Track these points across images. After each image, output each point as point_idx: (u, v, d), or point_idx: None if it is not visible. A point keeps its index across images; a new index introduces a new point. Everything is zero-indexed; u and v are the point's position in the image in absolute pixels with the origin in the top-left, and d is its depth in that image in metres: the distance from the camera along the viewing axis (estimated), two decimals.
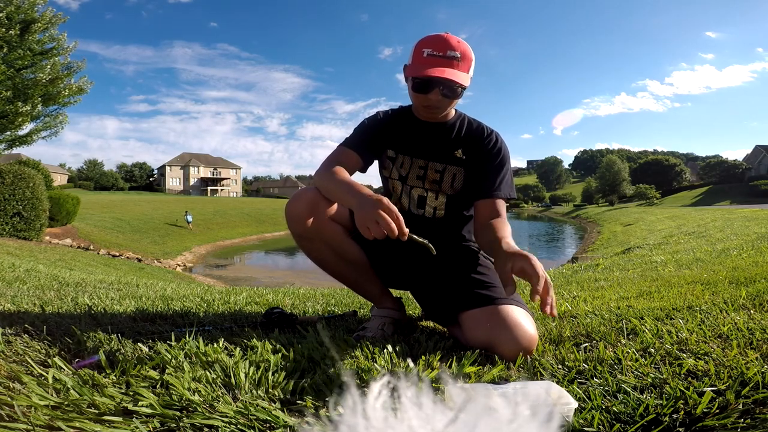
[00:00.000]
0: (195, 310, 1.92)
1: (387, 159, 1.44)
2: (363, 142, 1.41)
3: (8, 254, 6.52)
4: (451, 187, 1.40)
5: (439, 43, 1.25)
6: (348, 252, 1.38)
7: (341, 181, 1.23)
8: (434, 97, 1.28)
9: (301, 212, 1.30)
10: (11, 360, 0.89)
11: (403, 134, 1.43)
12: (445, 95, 1.28)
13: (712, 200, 42.29)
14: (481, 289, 1.22)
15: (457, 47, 1.25)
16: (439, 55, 1.24)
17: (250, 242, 22.02)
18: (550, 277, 1.18)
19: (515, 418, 0.31)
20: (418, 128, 1.41)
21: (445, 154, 1.40)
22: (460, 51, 1.25)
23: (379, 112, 1.49)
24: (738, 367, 0.82)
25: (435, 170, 1.40)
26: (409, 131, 1.42)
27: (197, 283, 7.79)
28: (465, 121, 1.43)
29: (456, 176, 1.39)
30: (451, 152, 1.40)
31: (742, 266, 2.69)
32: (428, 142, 1.41)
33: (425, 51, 1.26)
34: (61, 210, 13.18)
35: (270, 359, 0.91)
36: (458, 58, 1.25)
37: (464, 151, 1.40)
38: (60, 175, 60.75)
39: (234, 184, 75.87)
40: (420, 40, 1.29)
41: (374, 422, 0.31)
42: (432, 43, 1.26)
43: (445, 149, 1.40)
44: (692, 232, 9.03)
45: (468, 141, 1.40)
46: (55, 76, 11.09)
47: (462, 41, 1.27)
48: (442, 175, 1.40)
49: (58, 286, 2.88)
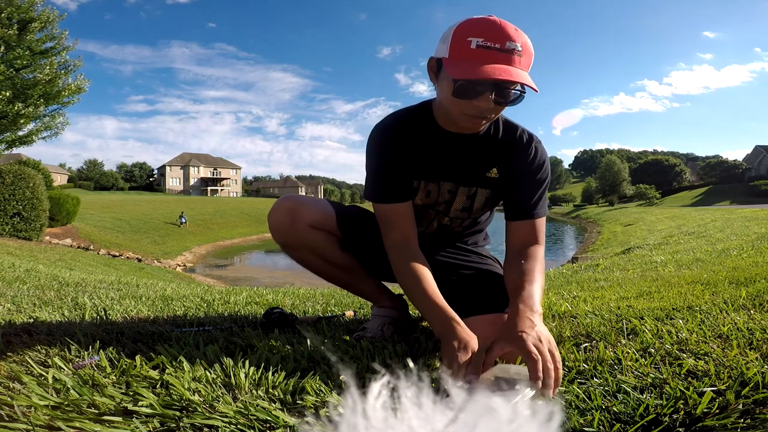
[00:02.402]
0: (195, 310, 1.92)
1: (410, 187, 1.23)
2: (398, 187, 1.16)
3: (8, 254, 6.52)
4: (481, 210, 1.27)
5: (493, 30, 0.93)
6: (334, 257, 1.30)
7: (426, 302, 1.02)
8: (485, 104, 0.97)
9: (281, 222, 1.26)
10: (11, 360, 0.89)
11: (428, 156, 1.16)
12: (499, 102, 0.98)
13: (712, 200, 42.30)
14: (486, 297, 1.17)
15: (516, 37, 0.94)
16: (496, 48, 0.93)
17: (250, 242, 22.03)
18: (550, 277, 1.17)
19: (515, 418, 0.31)
20: (444, 143, 1.15)
21: (476, 175, 1.18)
22: (520, 42, 0.94)
23: (387, 126, 1.19)
24: (738, 367, 0.82)
25: (466, 196, 1.22)
26: (432, 148, 1.16)
27: (197, 283, 7.79)
28: (500, 126, 1.17)
29: (487, 199, 1.24)
30: (484, 172, 1.18)
31: (742, 266, 2.69)
32: (457, 161, 1.17)
33: (474, 41, 0.93)
34: (61, 210, 13.18)
35: (270, 359, 0.91)
36: (519, 51, 0.94)
37: (500, 169, 1.18)
38: (60, 175, 60.74)
39: (234, 184, 75.89)
40: (461, 25, 0.96)
41: (374, 422, 0.31)
42: (483, 31, 0.93)
43: (477, 169, 1.17)
44: (692, 232, 9.03)
45: (505, 152, 1.16)
46: (53, 75, 11.09)
47: (519, 29, 0.96)
48: (472, 200, 1.23)
49: (58, 286, 2.88)
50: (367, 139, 1.21)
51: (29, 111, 10.72)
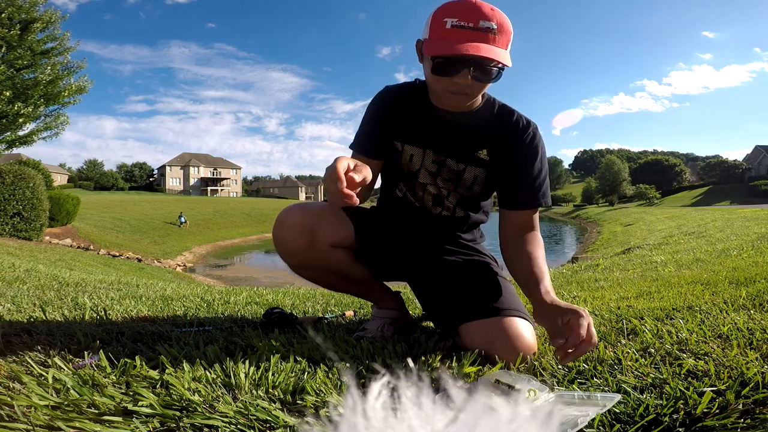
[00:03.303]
0: (195, 310, 1.92)
1: (394, 151, 1.24)
2: (371, 142, 1.23)
3: (8, 254, 6.52)
4: (470, 189, 1.23)
5: (467, 10, 0.97)
6: (351, 273, 1.25)
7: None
8: (462, 81, 1.01)
9: (296, 243, 1.11)
10: (11, 360, 0.89)
11: (415, 122, 1.19)
12: (478, 78, 1.01)
13: (712, 200, 42.31)
14: (485, 299, 1.14)
15: (491, 16, 0.97)
16: (469, 26, 0.96)
17: (250, 242, 22.03)
18: (550, 277, 1.17)
19: (515, 418, 0.31)
20: (434, 117, 1.17)
21: (466, 153, 1.18)
22: (496, 21, 0.97)
23: (389, 88, 1.24)
24: (738, 367, 0.82)
25: (452, 169, 1.21)
26: (422, 120, 1.19)
27: (197, 283, 7.79)
28: (495, 109, 1.18)
29: (477, 178, 1.21)
30: (474, 152, 1.18)
31: (742, 266, 2.69)
32: (446, 137, 1.18)
33: (449, 21, 0.97)
34: (61, 210, 13.18)
35: (270, 359, 0.91)
36: (494, 30, 0.97)
37: (490, 151, 1.18)
38: (60, 175, 60.78)
39: (234, 184, 75.90)
40: (439, 8, 1.00)
41: (374, 422, 0.31)
42: (458, 11, 0.97)
43: (466, 147, 1.18)
44: (692, 232, 9.03)
45: (498, 135, 1.17)
46: (55, 76, 11.09)
47: (496, 9, 0.99)
48: (460, 175, 1.21)
49: (58, 286, 2.88)
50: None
51: (29, 111, 10.72)
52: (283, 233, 1.12)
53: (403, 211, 1.33)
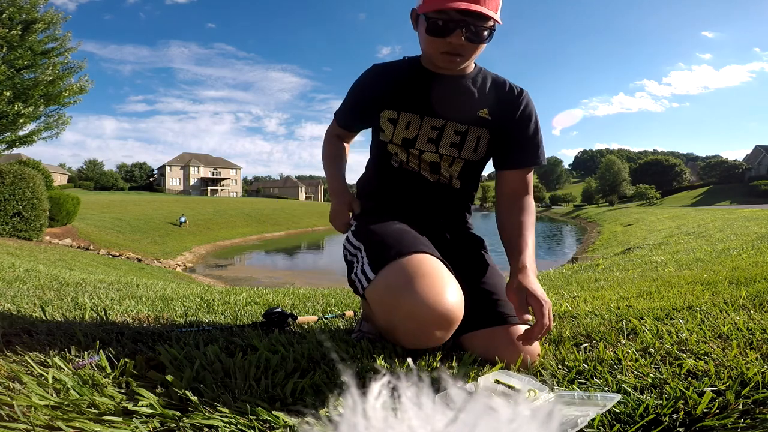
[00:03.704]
0: (195, 310, 1.92)
1: (387, 122, 1.21)
2: (353, 113, 1.31)
3: (8, 254, 6.52)
4: (474, 152, 1.21)
5: None
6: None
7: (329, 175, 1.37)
8: (456, 40, 1.04)
9: (432, 336, 0.92)
10: (11, 360, 0.89)
11: (409, 89, 1.20)
12: (470, 39, 1.05)
13: (712, 200, 42.32)
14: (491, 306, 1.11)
15: None
16: None
17: (250, 242, 22.02)
18: (551, 277, 1.18)
19: (515, 418, 0.31)
20: (431, 81, 1.19)
21: (467, 113, 1.18)
22: None
23: (376, 65, 1.26)
24: (738, 367, 0.82)
25: (455, 131, 1.18)
26: (417, 86, 1.20)
27: (197, 283, 7.79)
28: (489, 77, 1.22)
29: (481, 138, 1.20)
30: (475, 111, 1.18)
31: (742, 266, 2.69)
32: (445, 97, 1.18)
33: None
34: (61, 210, 13.18)
35: (270, 359, 0.91)
36: None
37: (491, 111, 1.19)
38: (60, 175, 60.77)
39: (234, 184, 75.87)
40: None
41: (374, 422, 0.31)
42: None
43: (467, 107, 1.18)
44: (692, 232, 9.03)
45: (495, 100, 1.19)
46: (55, 77, 11.09)
47: None
48: (464, 137, 1.19)
49: (58, 286, 2.88)
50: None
51: (29, 111, 10.71)
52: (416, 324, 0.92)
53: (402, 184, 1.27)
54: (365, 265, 1.05)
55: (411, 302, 0.91)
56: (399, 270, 0.97)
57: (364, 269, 1.05)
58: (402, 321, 0.94)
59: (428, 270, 0.96)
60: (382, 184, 1.31)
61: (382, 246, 1.05)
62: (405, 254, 0.99)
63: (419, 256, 0.99)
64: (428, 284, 0.92)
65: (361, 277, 1.05)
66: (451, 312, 0.91)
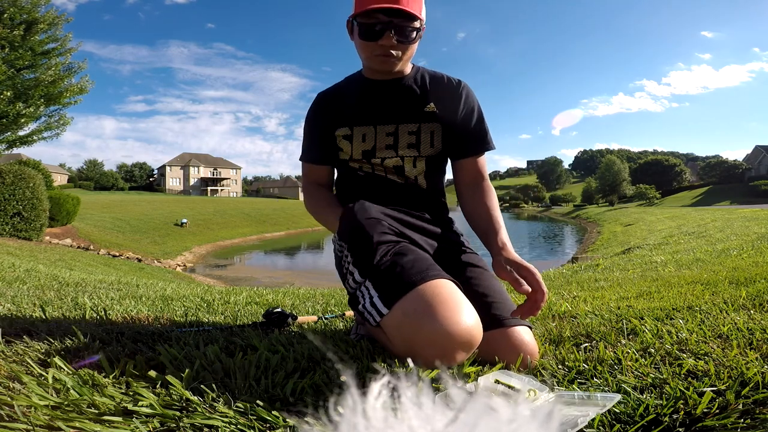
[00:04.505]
0: (195, 310, 1.92)
1: (343, 140, 1.25)
2: (315, 144, 1.30)
3: (8, 254, 6.52)
4: (432, 147, 1.25)
5: None
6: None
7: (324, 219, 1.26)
8: (387, 42, 1.13)
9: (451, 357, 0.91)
10: (11, 360, 0.89)
11: (356, 103, 1.25)
12: (400, 40, 1.14)
13: (712, 200, 42.32)
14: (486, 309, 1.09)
15: None
16: None
17: (250, 242, 22.02)
18: (551, 277, 1.18)
19: (515, 418, 0.31)
20: (374, 90, 1.25)
21: (414, 111, 1.24)
22: None
23: (320, 93, 1.32)
24: (738, 367, 0.82)
25: (409, 132, 1.23)
26: (363, 97, 1.25)
27: (197, 283, 7.79)
28: (426, 74, 1.28)
29: (434, 133, 1.24)
30: (421, 108, 1.24)
31: (742, 266, 2.69)
32: (391, 102, 1.24)
33: None
34: (61, 210, 13.18)
35: (270, 359, 0.91)
36: None
37: (436, 105, 1.24)
38: (60, 175, 60.77)
39: (234, 184, 75.89)
40: None
41: (374, 422, 0.31)
42: None
43: (413, 105, 1.24)
44: (692, 232, 9.03)
45: (436, 94, 1.25)
46: (56, 77, 11.09)
47: None
48: (418, 135, 1.24)
49: (58, 286, 2.88)
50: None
51: (30, 111, 10.72)
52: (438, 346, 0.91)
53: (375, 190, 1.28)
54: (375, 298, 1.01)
55: (431, 330, 0.90)
56: (416, 296, 0.95)
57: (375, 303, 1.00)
58: (423, 348, 0.92)
59: (444, 295, 0.95)
60: (358, 195, 1.29)
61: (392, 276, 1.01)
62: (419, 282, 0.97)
63: (434, 283, 0.97)
64: (447, 310, 0.92)
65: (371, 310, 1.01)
66: (471, 335, 0.92)
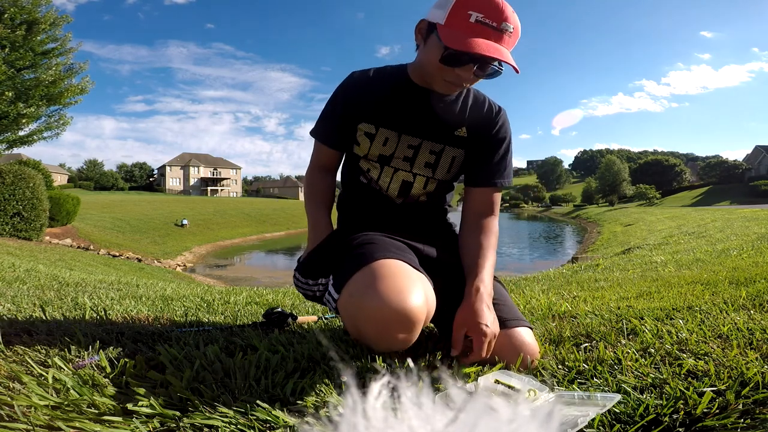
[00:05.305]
0: (195, 310, 1.92)
1: (364, 136, 1.18)
2: (334, 129, 1.21)
3: (8, 254, 6.52)
4: (448, 172, 1.21)
5: (493, 9, 0.99)
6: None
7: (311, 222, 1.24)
8: (466, 75, 1.04)
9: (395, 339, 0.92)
10: (11, 360, 0.89)
11: (390, 104, 1.17)
12: (478, 74, 1.05)
13: (712, 200, 42.30)
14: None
15: (511, 19, 1.00)
16: (492, 25, 0.98)
17: (250, 242, 22.02)
18: (551, 277, 1.18)
19: (515, 418, 0.31)
20: (415, 97, 1.17)
21: (444, 132, 1.18)
22: (513, 24, 1.01)
23: (355, 73, 1.22)
24: (738, 367, 0.82)
25: (430, 151, 1.18)
26: (399, 100, 1.17)
27: (197, 283, 7.79)
28: (471, 93, 1.21)
29: (455, 160, 1.20)
30: (452, 130, 1.18)
31: (742, 266, 2.69)
32: (424, 115, 1.17)
33: (474, 15, 0.98)
34: (61, 210, 13.18)
35: (270, 359, 0.91)
36: (511, 32, 1.01)
37: (468, 130, 1.19)
38: (60, 175, 60.75)
39: (234, 184, 75.86)
40: None
41: (374, 422, 0.31)
42: (484, 7, 0.98)
43: (445, 125, 1.18)
44: (692, 232, 9.02)
45: (473, 119, 1.19)
46: (57, 77, 11.09)
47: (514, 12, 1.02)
48: (438, 157, 1.19)
49: (58, 286, 2.88)
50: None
51: (30, 111, 10.72)
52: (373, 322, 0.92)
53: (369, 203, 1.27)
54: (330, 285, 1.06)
55: (371, 305, 0.90)
56: (361, 276, 0.96)
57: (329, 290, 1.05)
58: (364, 324, 0.93)
59: (390, 272, 0.95)
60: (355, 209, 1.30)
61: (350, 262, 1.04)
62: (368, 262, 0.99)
63: (382, 261, 0.98)
64: (389, 286, 0.91)
65: (329, 298, 1.06)
66: (411, 313, 0.89)
